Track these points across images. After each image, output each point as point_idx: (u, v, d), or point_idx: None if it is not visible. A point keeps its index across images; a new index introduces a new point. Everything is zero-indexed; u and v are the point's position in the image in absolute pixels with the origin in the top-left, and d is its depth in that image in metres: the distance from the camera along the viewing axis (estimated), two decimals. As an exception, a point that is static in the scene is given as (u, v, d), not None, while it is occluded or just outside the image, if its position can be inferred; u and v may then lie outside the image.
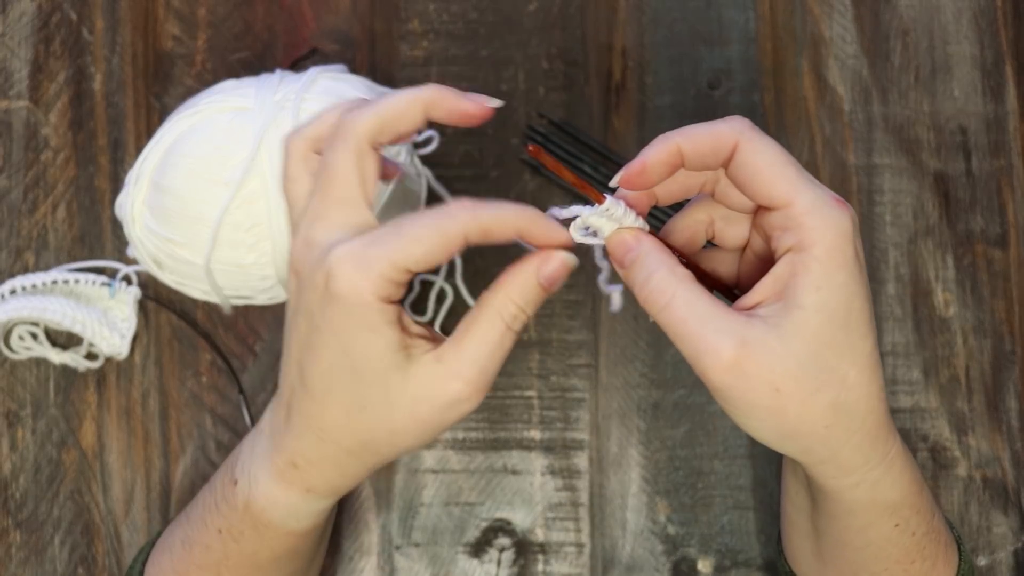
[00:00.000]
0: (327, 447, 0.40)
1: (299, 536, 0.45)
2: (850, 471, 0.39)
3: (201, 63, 0.64)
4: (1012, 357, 0.62)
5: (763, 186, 0.37)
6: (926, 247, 0.63)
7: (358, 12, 0.65)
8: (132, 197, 0.56)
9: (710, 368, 0.36)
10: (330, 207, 0.38)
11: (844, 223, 0.36)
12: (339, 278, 0.36)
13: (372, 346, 0.37)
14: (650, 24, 0.65)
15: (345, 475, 0.41)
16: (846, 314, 0.36)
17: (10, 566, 0.59)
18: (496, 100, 0.39)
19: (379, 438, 0.39)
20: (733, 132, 0.38)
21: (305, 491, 0.42)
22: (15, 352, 0.61)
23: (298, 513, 0.43)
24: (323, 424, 0.39)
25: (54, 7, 0.65)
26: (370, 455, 0.40)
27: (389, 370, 0.37)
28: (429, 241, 0.36)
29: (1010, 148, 0.64)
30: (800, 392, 0.36)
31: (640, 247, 0.38)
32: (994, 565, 0.60)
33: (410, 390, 0.37)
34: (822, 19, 0.65)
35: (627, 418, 0.61)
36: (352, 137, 0.38)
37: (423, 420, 0.38)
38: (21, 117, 0.64)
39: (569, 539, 0.60)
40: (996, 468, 0.60)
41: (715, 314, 0.36)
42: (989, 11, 0.65)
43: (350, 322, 0.36)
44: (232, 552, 0.45)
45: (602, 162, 0.63)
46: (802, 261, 0.36)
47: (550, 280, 0.38)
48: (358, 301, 0.36)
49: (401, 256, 0.36)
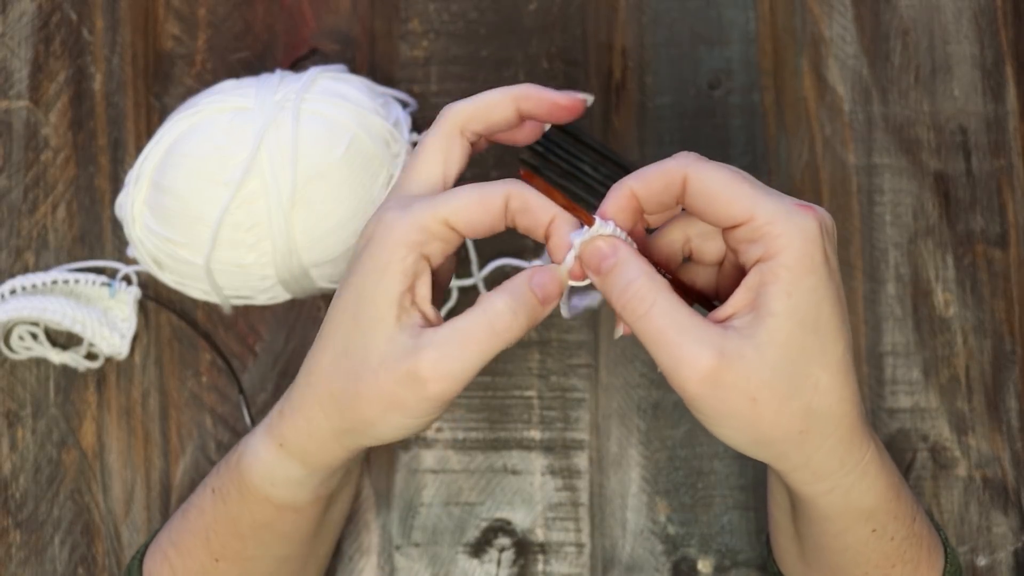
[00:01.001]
0: (306, 393, 0.41)
1: (276, 508, 0.44)
2: (824, 476, 0.40)
3: (201, 63, 0.64)
4: (1012, 357, 0.62)
5: (721, 208, 0.38)
6: (926, 247, 0.63)
7: (358, 12, 0.65)
8: (132, 197, 0.56)
9: (687, 379, 0.36)
10: (410, 181, 0.41)
11: (809, 227, 0.37)
12: (381, 220, 0.39)
13: (377, 288, 0.38)
14: (650, 24, 0.65)
15: (312, 433, 0.41)
16: (816, 318, 0.37)
17: (10, 566, 0.59)
18: (588, 94, 0.42)
19: (347, 394, 0.39)
20: (679, 166, 0.38)
21: (279, 446, 0.42)
22: (15, 352, 0.61)
23: (273, 475, 0.43)
24: (312, 366, 0.41)
25: (54, 7, 0.65)
26: (336, 414, 0.40)
27: (378, 322, 0.38)
28: (469, 198, 0.38)
29: (1010, 148, 0.64)
30: (775, 400, 0.37)
31: (617, 255, 0.38)
32: (994, 565, 0.60)
33: (382, 351, 0.38)
34: (822, 19, 0.65)
35: (627, 418, 0.61)
36: (445, 122, 0.41)
37: (383, 389, 0.38)
38: (21, 117, 0.64)
39: (569, 539, 0.60)
40: (996, 468, 0.60)
41: (694, 324, 0.36)
42: (989, 11, 0.65)
43: (372, 261, 0.38)
44: (220, 515, 0.45)
45: (602, 162, 0.63)
46: (771, 269, 0.36)
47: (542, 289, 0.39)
48: (388, 239, 0.38)
49: (441, 206, 0.38)
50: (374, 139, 0.56)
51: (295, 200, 0.54)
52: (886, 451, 0.43)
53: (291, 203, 0.53)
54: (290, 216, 0.54)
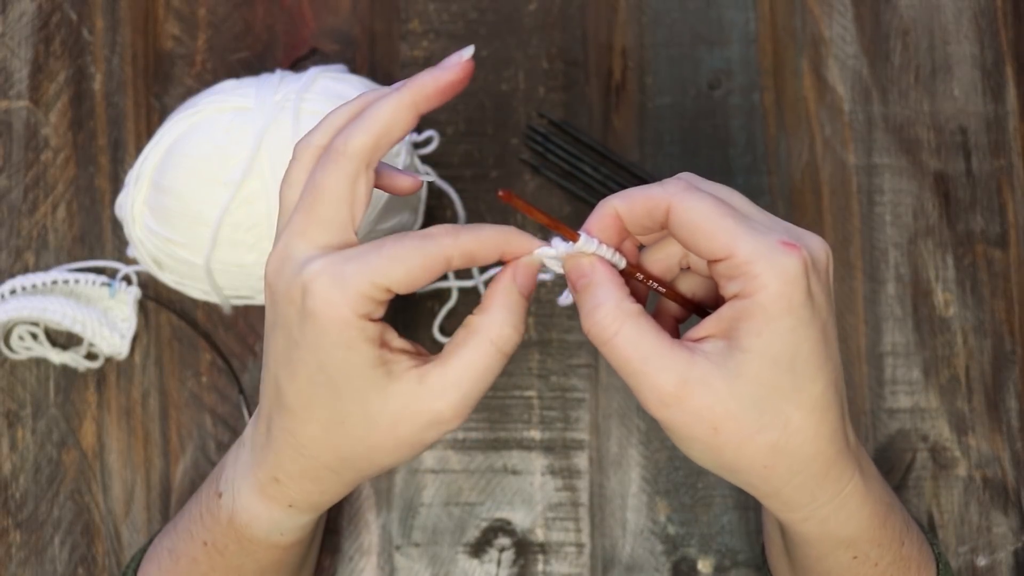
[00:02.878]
0: (306, 462, 0.40)
1: (284, 549, 0.45)
2: (795, 508, 0.39)
3: (201, 63, 0.64)
4: (1012, 357, 0.62)
5: (701, 242, 0.37)
6: (926, 247, 0.63)
7: (358, 12, 0.65)
8: (132, 197, 0.56)
9: (651, 405, 0.37)
10: (313, 225, 0.37)
11: (791, 268, 0.36)
12: (315, 294, 0.36)
13: (349, 363, 0.37)
14: (650, 24, 0.65)
15: (325, 491, 0.41)
16: (792, 358, 0.36)
17: (10, 566, 0.59)
18: (468, 49, 0.39)
19: (358, 454, 0.39)
20: (665, 195, 0.38)
21: (287, 506, 0.42)
22: (15, 352, 0.61)
23: (281, 527, 0.43)
24: (302, 440, 0.39)
25: (54, 7, 0.65)
26: (349, 471, 0.40)
27: (368, 387, 0.37)
28: (410, 261, 0.36)
29: (1010, 148, 0.64)
30: (739, 433, 0.36)
31: (592, 275, 0.38)
32: (994, 565, 0.60)
33: (390, 408, 0.37)
34: (822, 19, 0.65)
35: (627, 418, 0.61)
36: (348, 162, 0.37)
37: (402, 439, 0.38)
38: (21, 117, 0.64)
39: (569, 539, 0.60)
40: (996, 468, 0.60)
41: (658, 352, 0.36)
42: (989, 11, 0.65)
43: (326, 339, 0.36)
44: (218, 565, 0.45)
45: (602, 162, 0.63)
46: (745, 307, 0.36)
47: (527, 288, 0.39)
48: (335, 317, 0.36)
49: (380, 275, 0.36)
50: (374, 139, 0.56)
51: (295, 200, 0.54)
52: (877, 477, 0.42)
53: (291, 203, 0.53)
54: (290, 216, 0.54)
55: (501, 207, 0.63)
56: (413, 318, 0.62)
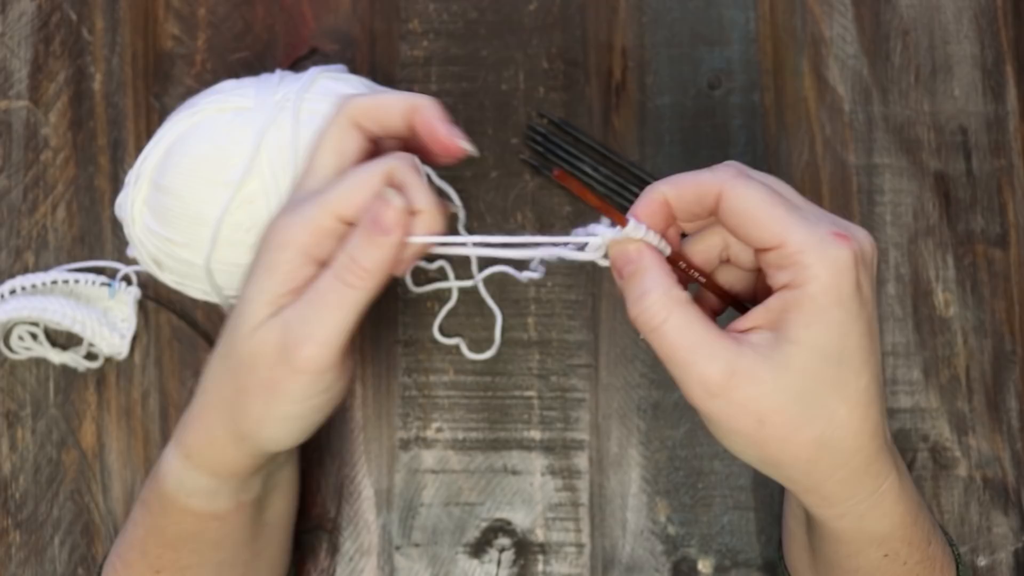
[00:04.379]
0: (203, 401, 0.41)
1: (198, 517, 0.44)
2: (834, 503, 0.39)
3: (201, 63, 0.64)
4: (1012, 357, 0.62)
5: (752, 231, 0.37)
6: (926, 247, 0.63)
7: (358, 12, 0.65)
8: (132, 197, 0.56)
9: (696, 395, 0.36)
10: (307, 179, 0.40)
11: (842, 259, 0.35)
12: (275, 222, 0.38)
13: (258, 288, 0.38)
14: (650, 24, 0.65)
15: (213, 442, 0.41)
16: (839, 351, 0.36)
17: (10, 566, 0.59)
18: (472, 147, 0.40)
19: (233, 396, 0.39)
20: (716, 181, 0.37)
21: (185, 456, 0.42)
22: (15, 352, 0.61)
23: (183, 483, 0.43)
24: (207, 372, 0.40)
25: (54, 7, 0.65)
26: (230, 418, 0.40)
27: (254, 319, 0.38)
28: (351, 184, 0.37)
29: (1010, 148, 0.64)
30: (785, 426, 0.36)
31: (640, 261, 0.37)
32: (994, 565, 0.60)
33: (254, 343, 0.38)
34: (822, 19, 0.65)
35: (627, 418, 0.61)
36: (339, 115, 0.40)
37: (262, 378, 0.38)
38: (21, 117, 0.64)
39: (569, 539, 0.60)
40: (996, 468, 0.60)
41: (706, 341, 0.36)
42: (990, 11, 0.65)
43: (259, 265, 0.38)
44: (150, 527, 0.45)
45: (602, 162, 0.63)
46: (795, 298, 0.36)
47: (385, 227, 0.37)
48: (275, 239, 0.38)
49: (327, 199, 0.37)
50: (374, 139, 0.56)
51: (295, 200, 0.54)
52: (908, 476, 0.42)
53: (291, 203, 0.53)
54: (290, 216, 0.54)
55: (501, 207, 0.63)
56: (413, 318, 0.62)
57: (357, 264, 0.37)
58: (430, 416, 0.61)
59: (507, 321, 0.62)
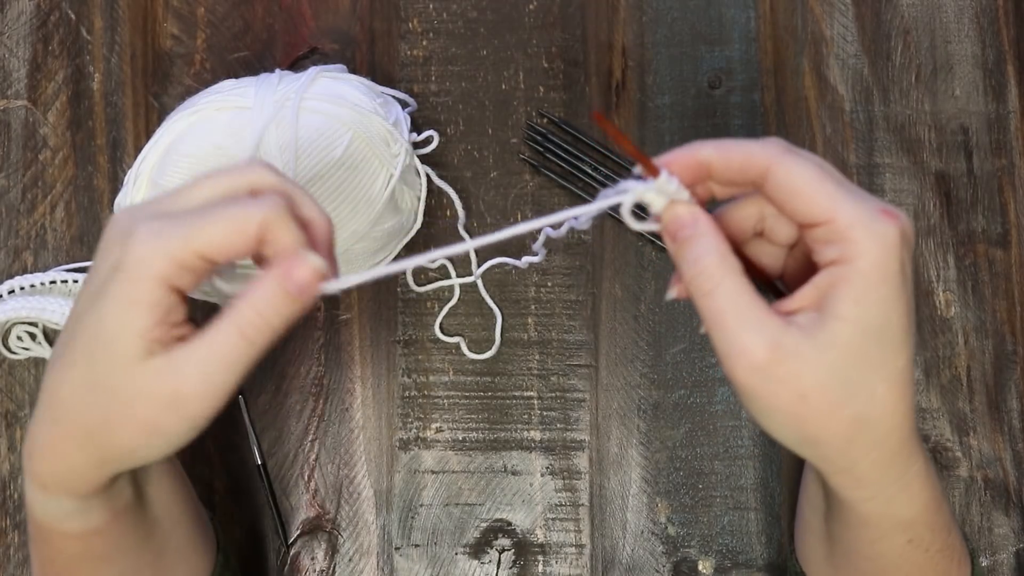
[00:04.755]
0: (55, 431, 0.38)
1: (78, 538, 0.42)
2: (866, 484, 0.39)
3: (200, 62, 0.64)
4: (1013, 357, 0.61)
5: (801, 206, 0.36)
6: (927, 247, 0.63)
7: (358, 11, 0.65)
8: (131, 197, 0.56)
9: (739, 367, 0.36)
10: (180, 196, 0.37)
11: (891, 235, 0.35)
12: (130, 242, 0.35)
13: (123, 322, 0.35)
14: (650, 23, 0.65)
15: (73, 469, 0.39)
16: (883, 328, 0.36)
17: (9, 567, 0.59)
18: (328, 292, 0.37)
19: (98, 428, 0.37)
20: (765, 154, 0.37)
21: (42, 487, 0.40)
22: (14, 352, 0.61)
23: (51, 514, 0.41)
24: (54, 400, 0.38)
25: (52, 6, 0.65)
26: (91, 447, 0.38)
27: (127, 356, 0.36)
28: (224, 228, 0.35)
29: (1011, 148, 0.63)
30: (826, 402, 0.36)
31: (696, 226, 0.37)
32: (995, 566, 0.60)
33: (135, 383, 0.36)
34: (823, 18, 0.65)
35: (627, 418, 0.61)
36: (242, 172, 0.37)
37: (140, 418, 0.36)
38: (19, 116, 0.64)
39: (569, 540, 0.60)
40: (997, 469, 0.60)
41: (754, 312, 0.36)
42: (990, 10, 0.65)
43: (121, 290, 0.35)
44: (41, 559, 0.43)
45: (602, 162, 0.63)
46: (843, 274, 0.35)
47: (300, 288, 0.36)
48: (136, 270, 0.35)
49: (196, 237, 0.35)
50: (374, 139, 0.55)
51: (294, 200, 0.53)
52: (932, 464, 0.42)
53: (290, 203, 0.53)
54: (289, 216, 0.53)
55: (501, 206, 0.63)
56: (414, 318, 0.62)
57: (263, 320, 0.36)
58: (430, 416, 0.61)
59: (507, 321, 0.62)
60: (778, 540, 0.59)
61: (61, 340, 0.38)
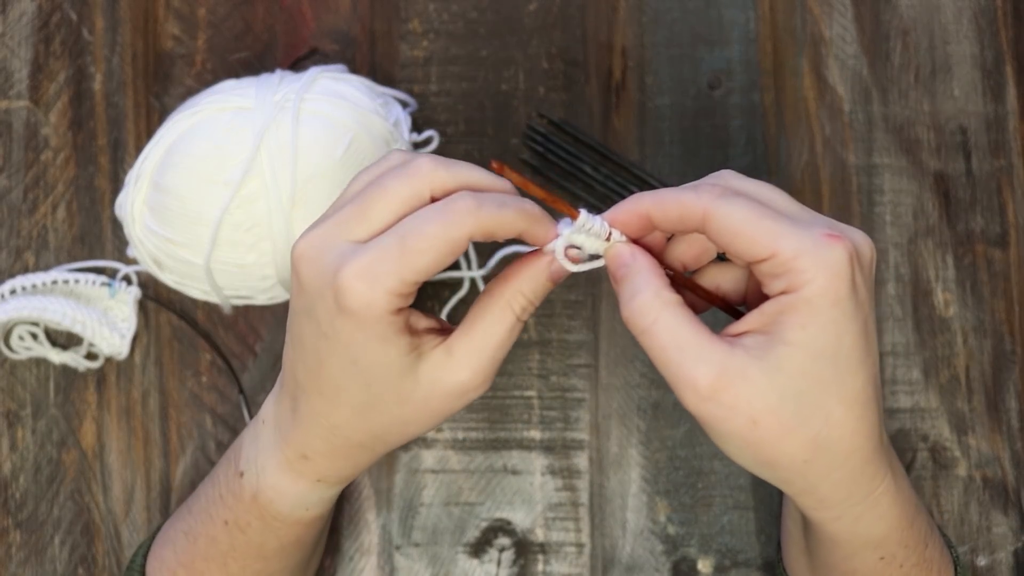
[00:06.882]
0: (337, 440, 0.41)
1: (305, 525, 0.46)
2: (830, 506, 0.39)
3: (201, 63, 0.64)
4: (1012, 357, 0.62)
5: (742, 247, 0.36)
6: (926, 247, 0.63)
7: (358, 12, 0.65)
8: (132, 197, 0.56)
9: (688, 397, 0.36)
10: (358, 221, 0.38)
11: (836, 260, 0.35)
12: (351, 295, 0.36)
13: (383, 355, 0.38)
14: (650, 24, 0.65)
15: (357, 464, 0.43)
16: (835, 351, 0.36)
17: (10, 566, 0.59)
18: None
19: (391, 430, 0.40)
20: (700, 203, 0.37)
21: (316, 481, 0.43)
22: (15, 352, 0.61)
23: (307, 502, 0.44)
24: (334, 421, 0.40)
25: (54, 7, 0.65)
26: (380, 444, 0.41)
27: (401, 374, 0.38)
28: (435, 252, 0.36)
29: (1010, 148, 0.64)
30: (779, 426, 0.36)
31: (633, 263, 0.38)
32: (994, 565, 0.60)
33: (422, 386, 0.39)
34: (822, 19, 0.65)
35: (627, 418, 0.61)
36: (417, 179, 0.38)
37: (434, 410, 0.39)
38: (21, 117, 0.64)
39: (569, 539, 0.60)
40: (996, 468, 0.60)
41: (696, 343, 0.36)
42: (989, 11, 0.65)
43: (361, 335, 0.37)
44: (239, 543, 0.46)
45: (602, 162, 0.63)
46: (790, 301, 0.36)
47: (558, 275, 0.40)
48: (369, 316, 0.36)
49: (409, 271, 0.36)
50: (374, 139, 0.56)
51: (295, 200, 0.54)
52: (905, 478, 0.42)
53: (291, 203, 0.54)
54: (290, 216, 0.54)
55: (501, 207, 0.63)
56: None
57: (533, 305, 0.40)
58: (430, 416, 0.61)
59: (507, 321, 0.62)
60: (777, 540, 0.60)
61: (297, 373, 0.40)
